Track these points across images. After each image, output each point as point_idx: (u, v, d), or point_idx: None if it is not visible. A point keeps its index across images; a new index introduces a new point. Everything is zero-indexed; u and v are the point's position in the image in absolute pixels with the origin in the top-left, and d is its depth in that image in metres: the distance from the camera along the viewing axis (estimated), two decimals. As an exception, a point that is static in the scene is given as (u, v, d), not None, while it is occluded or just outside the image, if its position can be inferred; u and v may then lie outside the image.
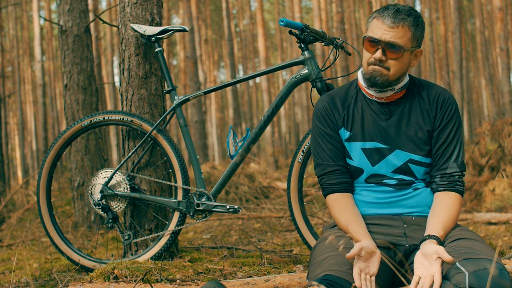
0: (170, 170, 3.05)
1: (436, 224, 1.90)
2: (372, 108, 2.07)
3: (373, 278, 1.78)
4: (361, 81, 2.09)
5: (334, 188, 2.08)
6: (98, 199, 2.99)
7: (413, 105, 2.06)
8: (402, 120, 2.04)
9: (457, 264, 1.69)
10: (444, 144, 2.02)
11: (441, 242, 1.85)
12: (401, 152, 2.03)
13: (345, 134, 2.10)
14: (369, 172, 2.05)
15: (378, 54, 1.96)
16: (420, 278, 1.72)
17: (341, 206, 2.04)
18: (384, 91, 2.03)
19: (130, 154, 3.03)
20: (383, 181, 2.04)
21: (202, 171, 2.98)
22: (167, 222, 3.04)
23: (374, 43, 1.96)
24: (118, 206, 3.01)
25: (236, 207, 2.87)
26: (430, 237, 1.85)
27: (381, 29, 1.95)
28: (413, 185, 2.04)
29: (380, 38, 1.95)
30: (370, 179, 2.06)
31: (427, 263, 1.75)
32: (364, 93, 2.10)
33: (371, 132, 2.05)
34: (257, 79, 31.60)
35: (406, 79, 2.07)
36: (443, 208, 1.95)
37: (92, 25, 10.64)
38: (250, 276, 2.55)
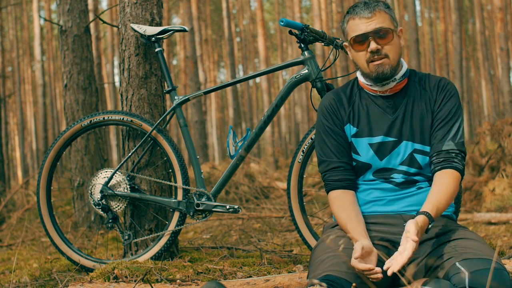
0: (170, 170, 3.05)
1: (428, 202, 1.87)
2: (377, 103, 2.08)
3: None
4: (364, 82, 2.10)
5: (336, 184, 2.08)
6: (98, 199, 2.99)
7: (417, 96, 2.07)
8: (407, 112, 2.05)
9: (457, 264, 1.69)
10: (441, 123, 2.01)
11: (431, 218, 1.82)
12: (408, 143, 2.03)
13: (351, 130, 2.10)
14: (377, 166, 2.05)
15: (373, 45, 1.98)
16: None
17: (341, 203, 2.04)
18: (387, 83, 2.04)
19: (130, 154, 3.03)
20: (391, 176, 2.04)
21: (202, 171, 2.98)
22: (167, 222, 3.04)
23: (361, 39, 1.99)
24: (118, 206, 3.00)
25: (236, 207, 2.87)
26: (420, 213, 1.82)
27: (360, 24, 2.00)
28: (417, 184, 2.04)
29: (366, 30, 1.98)
30: (378, 173, 2.06)
31: (404, 241, 1.74)
32: (367, 90, 2.11)
33: (378, 127, 2.06)
34: (257, 79, 31.60)
35: (404, 67, 2.08)
36: (436, 186, 1.92)
37: (92, 25, 10.64)
38: (250, 276, 2.55)
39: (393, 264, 1.69)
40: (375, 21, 1.98)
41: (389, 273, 1.68)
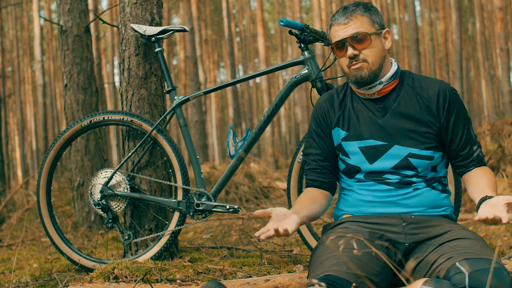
0: (170, 170, 3.05)
1: (485, 188, 1.93)
2: (367, 106, 2.09)
3: (288, 232, 1.80)
4: (351, 85, 2.13)
5: (310, 183, 2.19)
6: (98, 199, 2.99)
7: (409, 99, 2.06)
8: (398, 115, 2.05)
9: (457, 264, 1.69)
10: (462, 140, 2.06)
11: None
12: (400, 147, 2.03)
13: (341, 133, 2.12)
14: (366, 169, 2.06)
15: (350, 51, 2.01)
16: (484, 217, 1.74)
17: (303, 194, 2.15)
18: (372, 86, 2.05)
19: (130, 154, 3.03)
20: (384, 176, 2.04)
21: (202, 171, 2.98)
22: (167, 222, 3.04)
23: (340, 45, 2.03)
24: (118, 206, 3.01)
25: (236, 207, 2.87)
26: (488, 197, 1.86)
27: (339, 30, 2.03)
28: (413, 185, 2.03)
29: (343, 36, 2.02)
30: (370, 176, 2.06)
31: (493, 209, 1.75)
32: (357, 94, 2.13)
33: (368, 130, 2.07)
34: (257, 79, 31.61)
35: (393, 68, 2.08)
36: (483, 177, 2.01)
37: (92, 25, 10.64)
38: (250, 276, 2.55)
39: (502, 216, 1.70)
40: (352, 26, 2.01)
41: (504, 220, 1.69)
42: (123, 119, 3.00)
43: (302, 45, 2.78)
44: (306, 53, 2.80)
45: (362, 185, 2.08)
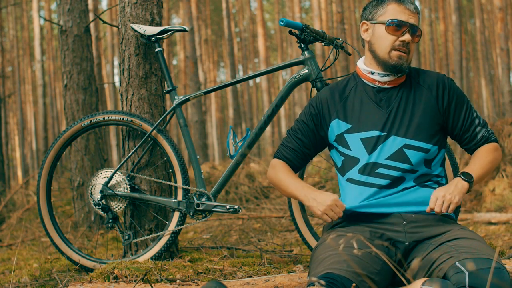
0: (170, 170, 3.05)
1: (469, 166, 2.08)
2: (371, 98, 2.12)
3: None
4: (366, 69, 2.14)
5: (283, 159, 2.25)
6: (98, 199, 2.99)
7: (411, 92, 2.11)
8: (400, 107, 2.08)
9: (457, 263, 1.69)
10: (464, 124, 2.12)
11: (465, 174, 2.01)
12: (397, 138, 2.05)
13: (342, 126, 2.14)
14: (364, 161, 2.06)
15: (407, 36, 2.06)
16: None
17: (280, 168, 2.23)
18: (388, 75, 2.09)
19: (130, 154, 3.03)
20: (377, 171, 2.03)
21: (202, 171, 2.98)
22: (167, 222, 3.04)
23: (401, 26, 2.06)
24: (118, 206, 3.00)
25: (236, 207, 2.87)
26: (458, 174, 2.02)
27: (404, 13, 2.07)
28: (404, 183, 2.02)
29: (408, 21, 2.06)
30: (365, 169, 2.05)
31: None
32: (366, 80, 2.15)
33: (370, 122, 2.09)
34: (257, 79, 31.61)
35: None
36: (475, 156, 2.12)
37: (92, 25, 10.64)
38: (250, 276, 2.55)
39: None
40: (415, 19, 2.09)
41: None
42: (123, 119, 3.00)
43: (302, 45, 2.78)
44: (306, 53, 2.80)
45: (353, 187, 2.07)
